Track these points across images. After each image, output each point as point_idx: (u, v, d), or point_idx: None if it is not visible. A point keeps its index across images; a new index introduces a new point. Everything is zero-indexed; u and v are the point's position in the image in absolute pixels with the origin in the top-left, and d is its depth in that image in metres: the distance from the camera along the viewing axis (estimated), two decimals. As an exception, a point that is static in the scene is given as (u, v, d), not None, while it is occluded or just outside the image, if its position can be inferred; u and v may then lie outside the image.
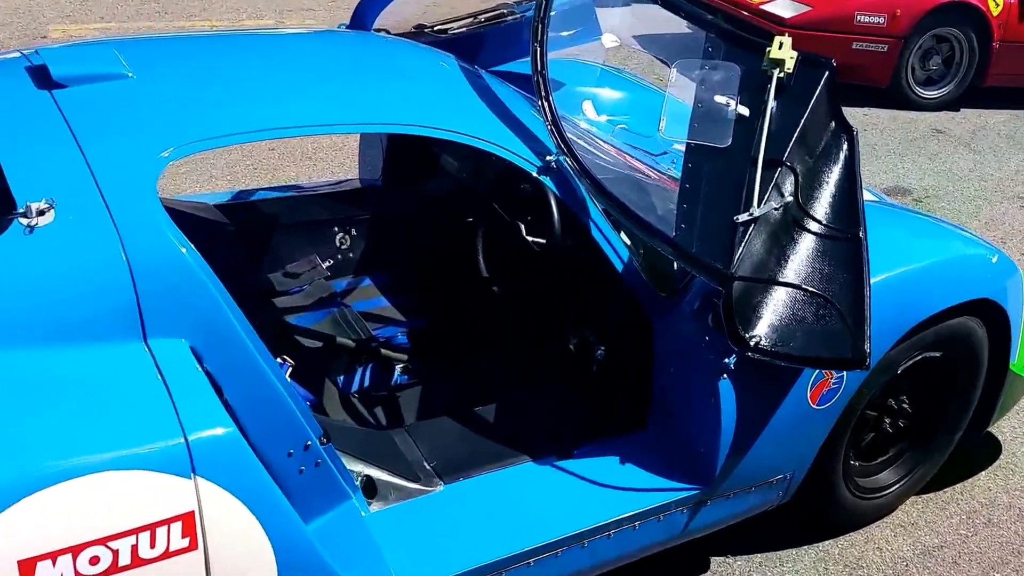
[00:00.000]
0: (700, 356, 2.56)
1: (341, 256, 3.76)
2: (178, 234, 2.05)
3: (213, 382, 2.05)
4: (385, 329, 3.46)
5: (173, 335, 2.03)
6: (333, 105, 2.51)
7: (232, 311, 2.09)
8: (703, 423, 2.57)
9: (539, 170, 2.56)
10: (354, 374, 3.23)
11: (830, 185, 2.61)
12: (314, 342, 3.28)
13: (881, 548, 3.20)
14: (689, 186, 2.54)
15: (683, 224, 2.47)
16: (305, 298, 3.59)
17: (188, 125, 2.24)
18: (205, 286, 2.06)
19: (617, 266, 2.63)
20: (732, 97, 2.58)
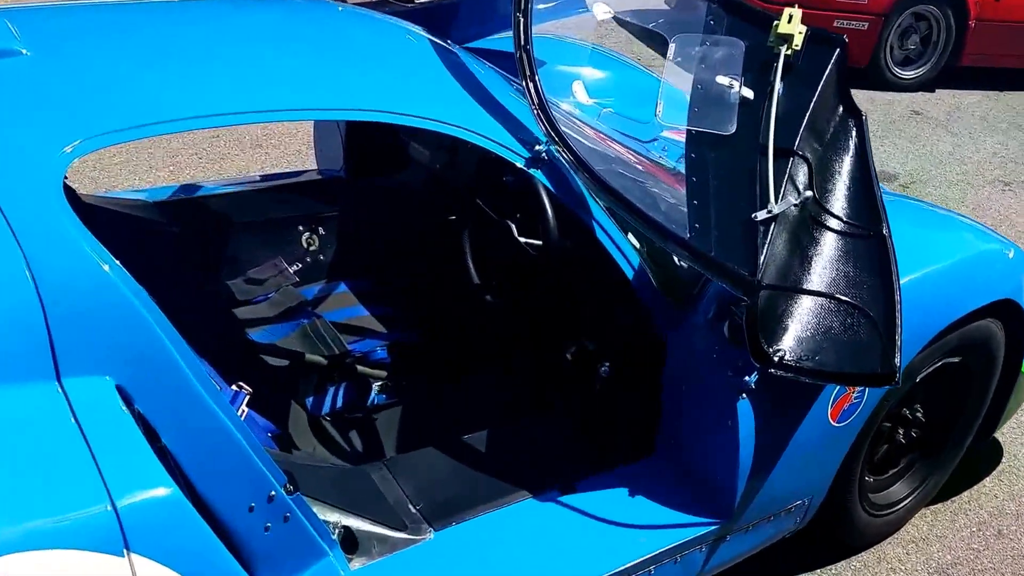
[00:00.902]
0: (716, 373, 2.08)
1: (310, 259, 3.22)
2: (96, 246, 1.53)
3: (147, 427, 1.54)
4: (362, 342, 2.94)
5: (94, 372, 1.52)
6: (280, 87, 1.98)
7: (169, 337, 1.58)
8: (720, 449, 2.10)
9: (527, 162, 2.07)
10: (325, 394, 2.72)
11: (843, 177, 2.15)
12: (280, 360, 2.76)
13: (895, 568, 2.76)
14: (696, 180, 2.06)
15: (696, 224, 1.99)
16: (271, 308, 3.05)
17: (98, 113, 1.70)
18: (133, 309, 1.54)
19: (626, 271, 2.14)
20: (735, 77, 2.10)
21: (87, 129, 1.62)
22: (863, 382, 2.03)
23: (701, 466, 2.17)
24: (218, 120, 1.86)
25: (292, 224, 3.12)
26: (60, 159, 1.54)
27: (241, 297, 3.04)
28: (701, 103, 2.06)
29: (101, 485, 1.40)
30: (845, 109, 2.17)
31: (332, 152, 3.32)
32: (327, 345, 2.87)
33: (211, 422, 1.59)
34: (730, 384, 2.03)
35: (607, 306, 2.36)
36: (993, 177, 5.52)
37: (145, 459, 1.46)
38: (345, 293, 3.22)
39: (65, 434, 1.43)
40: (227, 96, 1.87)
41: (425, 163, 3.08)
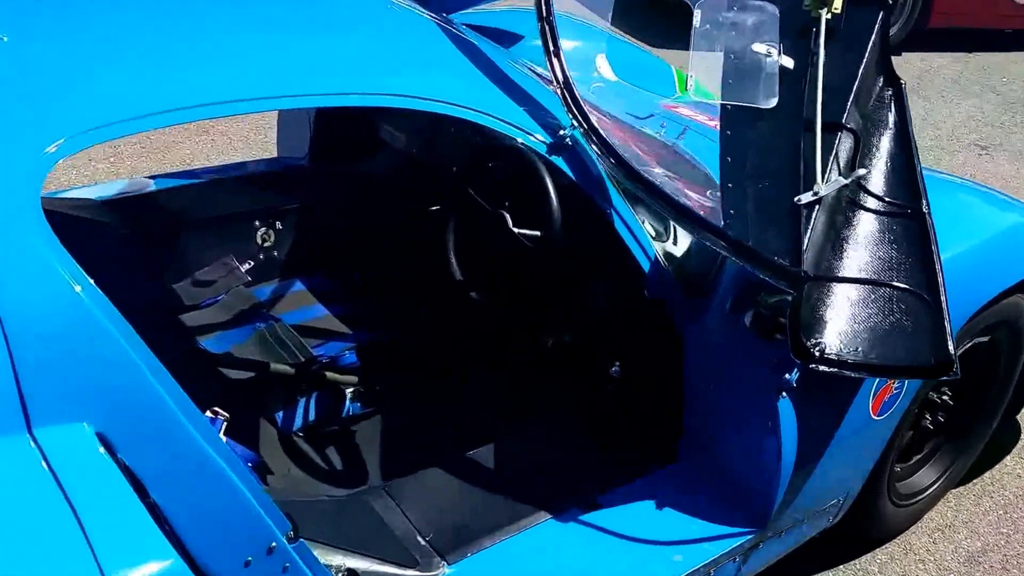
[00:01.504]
0: (748, 370, 2.03)
1: (264, 256, 3.08)
2: (71, 265, 1.39)
3: (133, 480, 1.42)
4: (327, 345, 2.82)
5: (71, 418, 1.39)
6: (289, 71, 1.82)
7: (153, 370, 1.45)
8: (757, 453, 2.05)
9: (550, 148, 1.97)
10: (295, 407, 2.60)
11: (883, 151, 2.10)
12: (240, 372, 2.63)
13: (923, 560, 2.77)
14: (731, 160, 1.99)
15: (731, 210, 1.92)
16: (221, 311, 2.92)
17: (84, 106, 1.54)
18: (111, 339, 1.41)
19: (642, 262, 2.06)
20: (772, 45, 2.03)
21: (73, 124, 1.46)
22: (917, 374, 2.00)
23: (735, 472, 2.12)
24: (224, 108, 1.67)
25: (247, 219, 2.98)
26: (41, 161, 1.39)
27: (188, 301, 2.90)
28: (735, 74, 1.98)
29: (91, 559, 1.28)
30: (885, 77, 2.12)
31: (297, 138, 3.18)
32: (289, 351, 2.75)
33: (206, 470, 1.47)
34: (767, 382, 1.98)
35: (618, 299, 2.29)
36: (969, 141, 5.59)
37: (138, 522, 1.35)
38: (302, 292, 3.09)
39: (43, 496, 1.31)
40: (233, 81, 1.71)
41: (400, 147, 2.96)
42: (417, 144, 2.91)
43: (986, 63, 6.74)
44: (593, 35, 2.48)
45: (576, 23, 2.30)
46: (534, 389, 2.57)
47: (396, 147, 3.01)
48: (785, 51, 2.03)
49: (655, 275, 2.09)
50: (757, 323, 2.03)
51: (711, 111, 2.80)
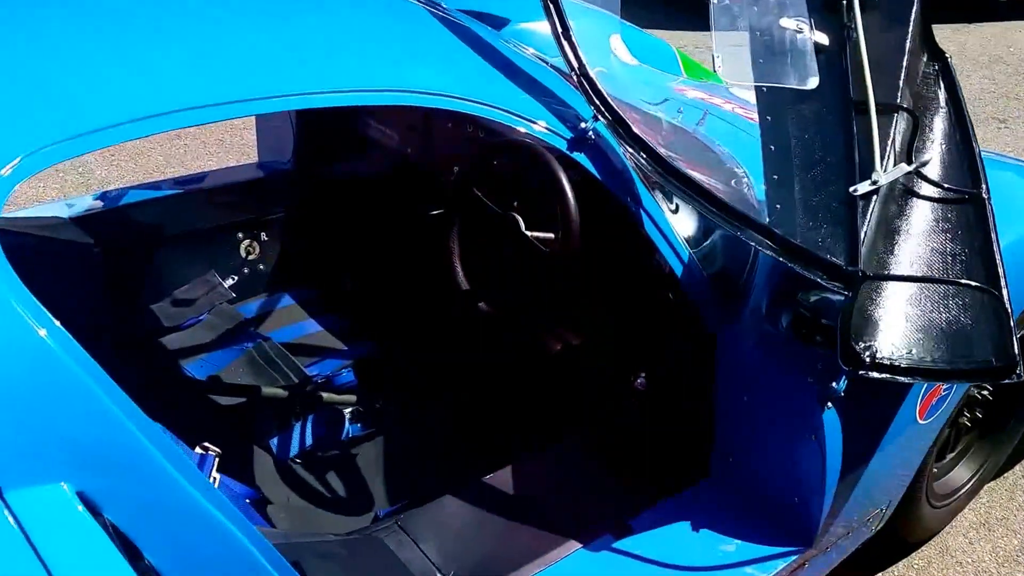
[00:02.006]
0: (788, 379, 1.87)
1: (248, 270, 2.90)
2: (32, 305, 1.20)
3: (123, 541, 1.23)
4: (321, 363, 2.65)
5: (45, 479, 1.19)
6: (289, 68, 1.61)
7: (132, 417, 1.26)
8: (801, 468, 1.88)
9: (570, 144, 1.79)
10: (290, 432, 2.41)
11: (935, 132, 1.93)
12: (230, 398, 2.44)
13: (961, 562, 2.62)
14: (775, 148, 1.81)
15: (777, 204, 1.75)
16: (205, 332, 2.73)
17: (44, 118, 1.32)
18: (83, 387, 1.22)
19: (673, 264, 1.89)
20: (802, 20, 1.86)
21: (31, 140, 1.24)
22: (976, 377, 1.83)
23: (775, 487, 1.96)
24: (207, 114, 1.42)
25: (229, 231, 2.79)
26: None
27: (168, 323, 2.71)
28: (765, 53, 1.80)
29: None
30: (928, 50, 1.96)
31: (278, 140, 2.98)
32: (281, 372, 2.56)
33: (202, 525, 1.29)
34: (811, 391, 1.81)
35: (644, 305, 2.11)
36: (987, 115, 5.43)
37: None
38: (290, 307, 2.91)
39: (19, 567, 1.12)
40: (217, 81, 1.50)
41: (392, 146, 2.77)
42: (411, 143, 2.73)
43: (987, 33, 6.62)
44: (598, 15, 2.29)
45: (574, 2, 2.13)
46: (550, 405, 2.39)
47: (388, 146, 2.83)
48: (818, 26, 1.86)
49: (687, 277, 1.91)
50: (796, 325, 1.87)
51: (724, 93, 2.65)
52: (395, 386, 2.59)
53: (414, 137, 2.78)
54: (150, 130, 1.31)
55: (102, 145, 1.29)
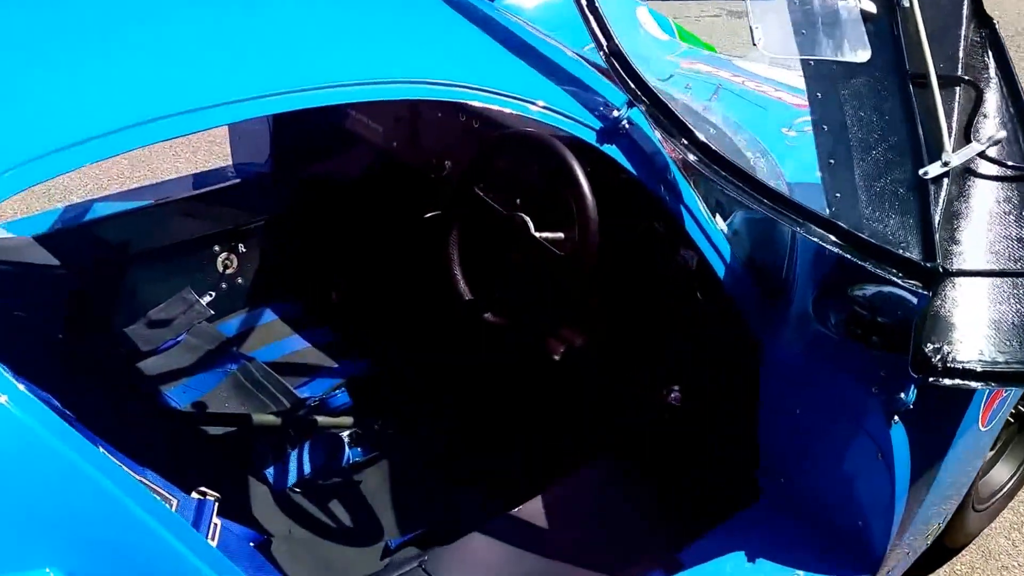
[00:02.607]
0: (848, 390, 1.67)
1: (226, 285, 2.66)
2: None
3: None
4: (313, 384, 2.42)
5: (27, 565, 0.99)
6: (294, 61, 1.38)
7: (118, 482, 1.05)
8: (866, 487, 1.69)
9: (600, 135, 1.58)
10: (286, 461, 2.19)
11: (990, 105, 1.74)
12: (217, 427, 2.21)
13: (1007, 566, 2.46)
14: (828, 129, 1.61)
15: (837, 193, 1.55)
16: (184, 354, 2.49)
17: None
18: (57, 456, 1.00)
19: (715, 264, 1.69)
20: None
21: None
22: None
23: (837, 512, 1.77)
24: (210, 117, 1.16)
25: (204, 244, 2.56)
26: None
27: (145, 347, 2.47)
28: (808, 24, 1.60)
29: None
30: (976, 17, 1.76)
31: (253, 140, 2.74)
32: (270, 395, 2.34)
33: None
34: (875, 404, 1.62)
35: (674, 310, 1.91)
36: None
37: None
38: (274, 323, 2.68)
39: None
40: (214, 81, 1.26)
41: (377, 142, 2.53)
42: (397, 136, 2.49)
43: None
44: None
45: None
46: (570, 424, 2.19)
47: (371, 141, 2.59)
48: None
49: (730, 277, 1.72)
50: (850, 324, 1.69)
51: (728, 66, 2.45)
52: (394, 405, 2.38)
53: (401, 130, 2.54)
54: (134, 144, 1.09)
55: (78, 165, 1.06)
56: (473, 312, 2.07)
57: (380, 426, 2.32)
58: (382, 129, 2.63)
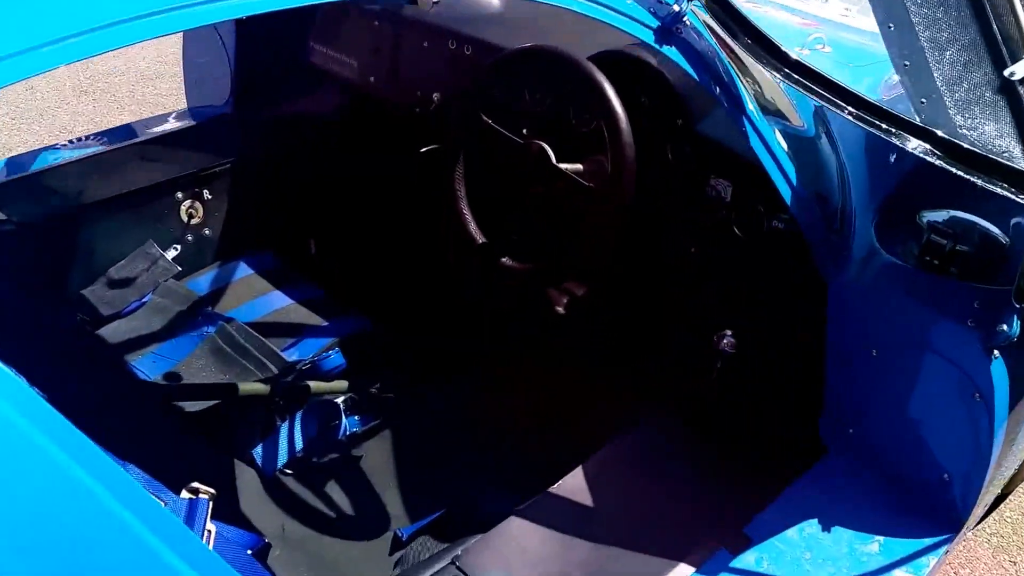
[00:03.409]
0: (938, 326, 1.45)
1: (192, 237, 2.37)
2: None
3: None
4: (301, 345, 2.15)
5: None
6: None
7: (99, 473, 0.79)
8: (956, 435, 1.47)
9: (658, 34, 1.32)
10: (275, 436, 1.93)
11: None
12: (194, 403, 1.94)
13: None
14: (894, 27, 1.36)
15: (922, 99, 1.31)
16: (152, 317, 2.21)
17: None
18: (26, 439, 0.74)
19: (782, 188, 1.45)
20: None
21: None
22: None
23: (918, 463, 1.55)
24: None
25: (166, 191, 2.26)
26: None
27: (106, 311, 2.18)
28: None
29: None
30: None
31: (211, 82, 2.44)
32: (254, 360, 2.07)
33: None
34: (972, 339, 1.40)
35: (734, 244, 1.67)
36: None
37: None
38: (249, 278, 2.40)
39: None
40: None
41: (351, 77, 2.26)
42: (375, 70, 2.23)
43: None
44: None
45: None
46: (601, 380, 1.95)
47: (345, 76, 2.32)
48: None
49: (798, 205, 1.48)
50: (923, 255, 1.46)
51: None
52: (395, 365, 2.12)
53: (379, 62, 2.27)
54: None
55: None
56: (487, 257, 1.82)
57: (379, 389, 2.06)
58: (357, 64, 2.36)
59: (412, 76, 2.25)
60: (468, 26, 2.17)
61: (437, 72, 2.17)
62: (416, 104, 2.23)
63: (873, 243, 1.52)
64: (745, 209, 1.72)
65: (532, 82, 1.71)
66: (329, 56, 2.43)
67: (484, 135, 1.76)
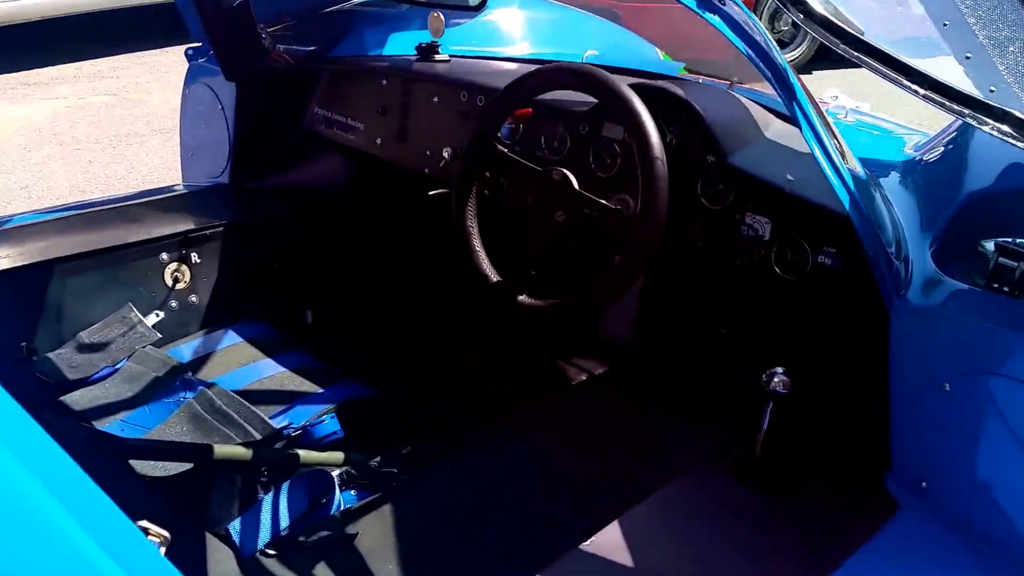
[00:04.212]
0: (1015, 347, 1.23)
1: (177, 303, 2.15)
2: None
3: None
4: (292, 411, 1.89)
5: None
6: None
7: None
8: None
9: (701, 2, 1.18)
10: (256, 509, 1.65)
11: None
12: (165, 465, 1.67)
13: None
14: (948, 24, 1.22)
15: (991, 87, 1.14)
16: (124, 384, 1.97)
17: None
18: None
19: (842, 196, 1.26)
20: None
21: None
22: None
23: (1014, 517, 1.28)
24: None
25: (149, 252, 2.06)
26: None
27: (73, 375, 1.93)
28: None
29: None
30: None
31: (210, 159, 2.32)
32: (236, 426, 1.81)
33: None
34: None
35: (776, 283, 1.47)
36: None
37: None
38: (238, 345, 2.16)
39: None
40: None
41: (357, 144, 2.16)
42: (382, 133, 2.12)
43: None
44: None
45: None
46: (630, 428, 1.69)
47: (351, 144, 2.20)
48: None
49: (861, 220, 1.27)
50: (992, 280, 1.26)
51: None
52: (397, 435, 1.86)
53: (386, 122, 2.15)
54: None
55: None
56: (503, 296, 1.60)
57: (380, 462, 1.79)
58: (363, 126, 2.23)
59: (421, 134, 2.11)
60: (481, 77, 2.04)
61: (448, 127, 2.04)
62: (425, 163, 2.09)
63: (930, 267, 1.33)
64: (787, 246, 1.54)
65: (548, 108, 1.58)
66: (334, 120, 2.30)
67: (500, 166, 1.61)
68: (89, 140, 4.83)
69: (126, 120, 5.13)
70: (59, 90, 5.66)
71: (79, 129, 4.99)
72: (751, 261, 1.55)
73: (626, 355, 1.97)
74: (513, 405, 1.85)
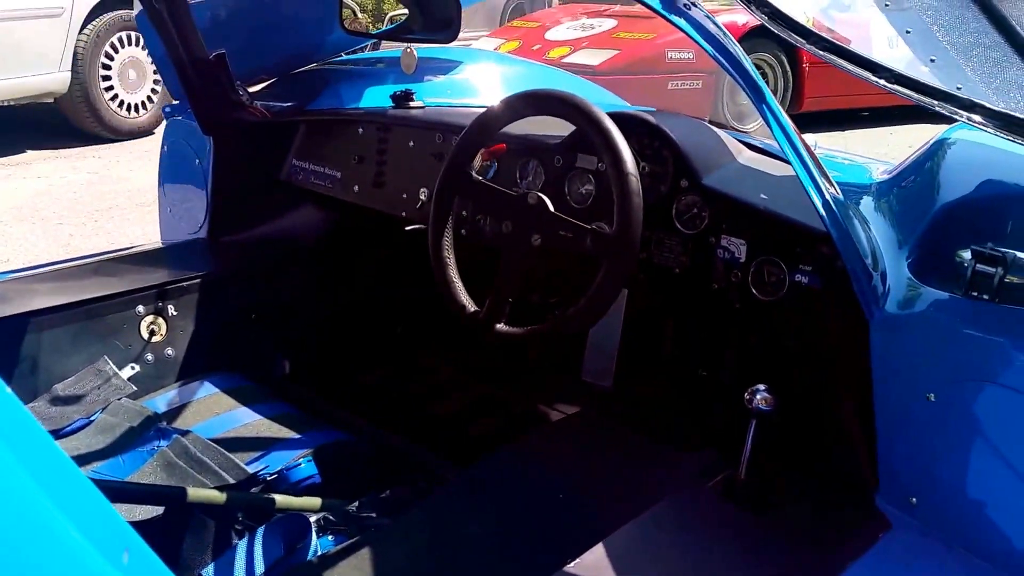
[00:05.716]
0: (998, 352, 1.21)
1: (153, 356, 2.11)
2: None
3: None
4: (268, 456, 1.84)
5: None
6: None
7: None
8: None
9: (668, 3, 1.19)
10: (231, 555, 1.59)
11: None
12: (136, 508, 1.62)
13: None
14: (911, 32, 1.23)
15: (958, 85, 1.14)
16: (97, 435, 1.91)
17: None
18: None
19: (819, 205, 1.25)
20: None
21: None
22: None
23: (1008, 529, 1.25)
24: None
25: (125, 305, 2.04)
26: None
27: (47, 428, 1.87)
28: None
29: None
30: None
31: (189, 217, 2.32)
32: (210, 472, 1.76)
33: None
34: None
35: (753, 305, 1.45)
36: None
37: None
38: (214, 396, 2.11)
39: None
40: None
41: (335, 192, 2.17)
42: (359, 180, 2.14)
43: (863, 138, 6.79)
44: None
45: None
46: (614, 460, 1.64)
47: (328, 193, 2.21)
48: None
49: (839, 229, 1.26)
50: (975, 289, 1.25)
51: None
52: (376, 479, 1.81)
53: (363, 170, 2.16)
54: None
55: None
56: (481, 327, 1.58)
57: (358, 507, 1.74)
58: (340, 174, 2.23)
59: (398, 178, 2.12)
60: (456, 118, 2.05)
61: (424, 169, 2.04)
62: (402, 207, 2.08)
63: (906, 276, 1.32)
64: (763, 266, 1.53)
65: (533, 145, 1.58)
66: (311, 171, 2.31)
67: (475, 194, 1.60)
68: (71, 214, 4.82)
69: (107, 196, 5.13)
70: (40, 168, 5.67)
71: (61, 205, 4.99)
72: (729, 284, 1.54)
73: (608, 399, 1.94)
74: (496, 446, 1.81)
